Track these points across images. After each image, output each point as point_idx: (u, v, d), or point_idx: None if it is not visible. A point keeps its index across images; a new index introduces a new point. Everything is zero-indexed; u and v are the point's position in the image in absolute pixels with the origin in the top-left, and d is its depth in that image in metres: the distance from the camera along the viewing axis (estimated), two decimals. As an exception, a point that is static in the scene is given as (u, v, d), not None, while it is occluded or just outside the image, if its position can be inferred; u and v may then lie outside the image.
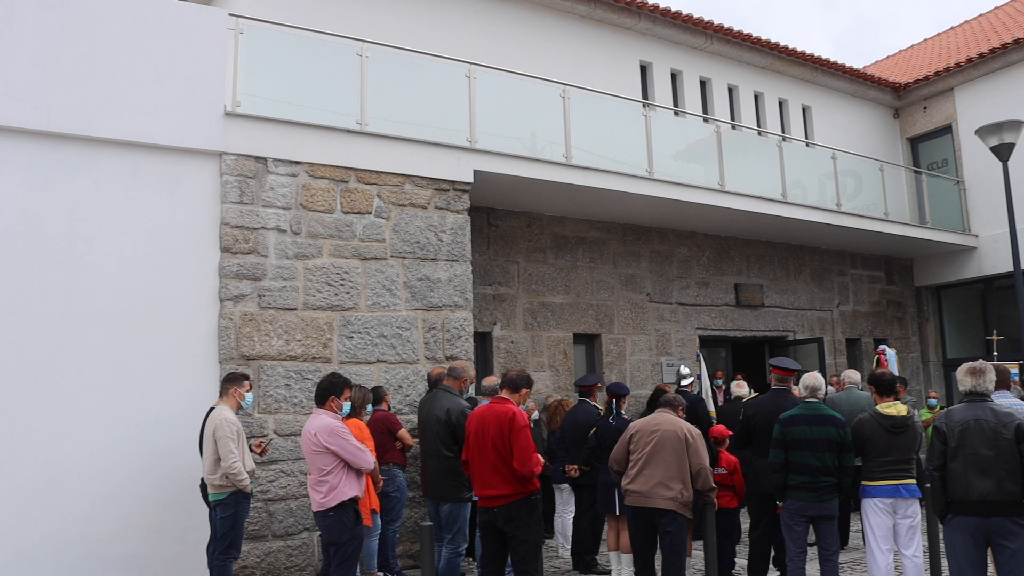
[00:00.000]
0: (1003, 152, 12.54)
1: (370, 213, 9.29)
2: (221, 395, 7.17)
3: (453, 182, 9.89)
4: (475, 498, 7.09)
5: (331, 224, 9.03)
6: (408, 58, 10.12)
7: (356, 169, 9.26)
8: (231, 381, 7.15)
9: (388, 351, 9.21)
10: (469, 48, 11.64)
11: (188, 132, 8.30)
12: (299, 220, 8.83)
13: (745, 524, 9.21)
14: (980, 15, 21.75)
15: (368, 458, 6.32)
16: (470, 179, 9.98)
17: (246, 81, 8.84)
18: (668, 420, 6.80)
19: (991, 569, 5.49)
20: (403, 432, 8.35)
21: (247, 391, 7.19)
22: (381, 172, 9.41)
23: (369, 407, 8.14)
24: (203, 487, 7.02)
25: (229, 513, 6.78)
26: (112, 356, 7.70)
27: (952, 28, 22.42)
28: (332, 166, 9.10)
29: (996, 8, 21.35)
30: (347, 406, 6.62)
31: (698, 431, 6.87)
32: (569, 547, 9.21)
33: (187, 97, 8.33)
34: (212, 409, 7.04)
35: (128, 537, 7.53)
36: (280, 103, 9.06)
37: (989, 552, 5.38)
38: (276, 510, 8.30)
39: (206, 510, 7.05)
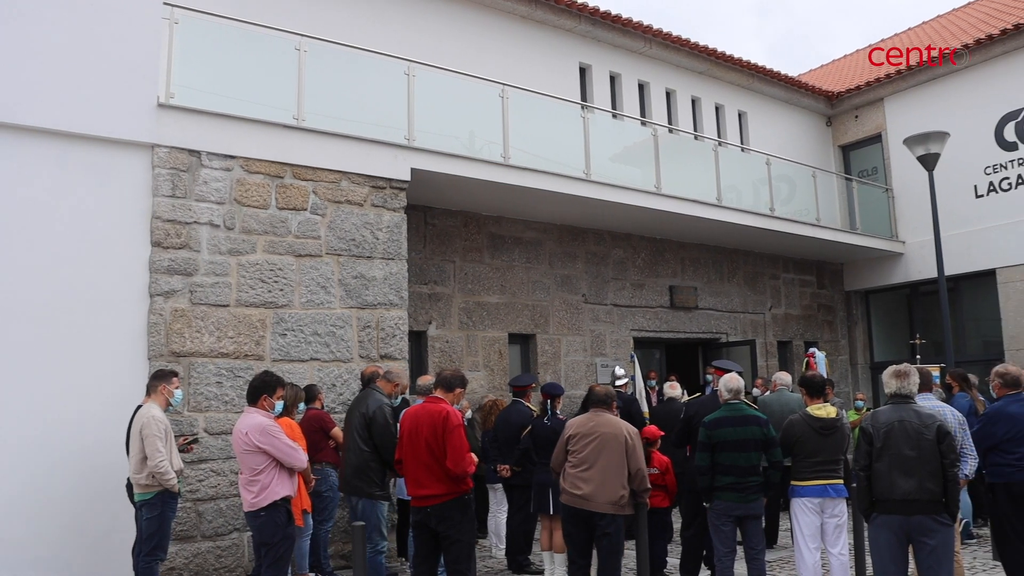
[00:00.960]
0: (929, 162, 12.89)
1: (306, 210, 9.18)
2: (149, 392, 6.98)
3: (390, 180, 9.83)
4: (400, 498, 7.05)
5: (266, 220, 8.90)
6: (347, 54, 10.03)
7: (292, 165, 9.15)
8: (159, 378, 7.00)
9: (322, 349, 9.12)
10: (408, 45, 11.57)
11: (119, 122, 8.11)
12: (233, 215, 8.69)
13: (677, 524, 9.34)
14: (908, 29, 22.40)
15: (301, 457, 6.25)
16: (407, 177, 9.92)
17: (180, 72, 8.67)
18: (608, 421, 6.78)
19: (913, 567, 5.64)
20: (336, 431, 8.27)
21: (176, 388, 7.04)
22: (317, 168, 9.31)
23: (301, 405, 8.05)
24: (129, 487, 6.87)
25: (155, 513, 6.63)
26: (36, 351, 7.48)
27: (883, 40, 23.00)
28: (268, 161, 8.98)
29: (923, 23, 22.02)
30: (279, 405, 6.54)
31: (637, 431, 6.91)
32: (503, 547, 9.22)
33: (119, 86, 8.13)
34: (140, 407, 6.89)
35: (48, 538, 7.31)
36: (215, 96, 8.90)
37: (911, 549, 5.54)
38: (206, 510, 8.16)
39: (132, 510, 6.89)
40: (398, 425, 6.73)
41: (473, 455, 6.28)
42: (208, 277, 8.45)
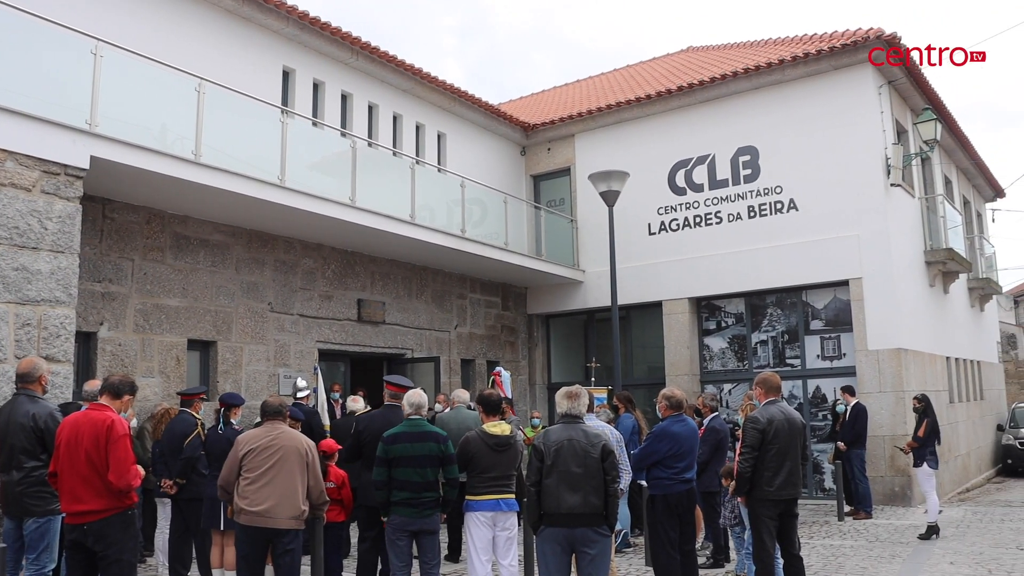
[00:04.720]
0: (610, 198, 13.98)
1: (-39, 189, 8.22)
2: None
3: (66, 166, 9.04)
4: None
5: (-91, 197, 7.87)
6: (23, 20, 9.05)
7: (-53, 137, 8.16)
8: None
9: (-31, 346, 8.18)
10: (97, 20, 10.60)
11: None
12: None
13: (354, 538, 9.31)
14: (602, 73, 24.22)
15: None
16: (86, 165, 9.18)
17: None
18: (287, 435, 6.64)
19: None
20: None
21: None
22: (-22, 145, 8.37)
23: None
24: None
25: None
26: None
27: (579, 80, 24.69)
28: (-84, 130, 7.95)
29: (615, 70, 23.94)
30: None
31: (314, 445, 6.85)
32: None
33: None
34: None
35: None
36: None
37: (573, 558, 5.92)
38: None
39: None
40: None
41: (139, 467, 5.95)
42: None
